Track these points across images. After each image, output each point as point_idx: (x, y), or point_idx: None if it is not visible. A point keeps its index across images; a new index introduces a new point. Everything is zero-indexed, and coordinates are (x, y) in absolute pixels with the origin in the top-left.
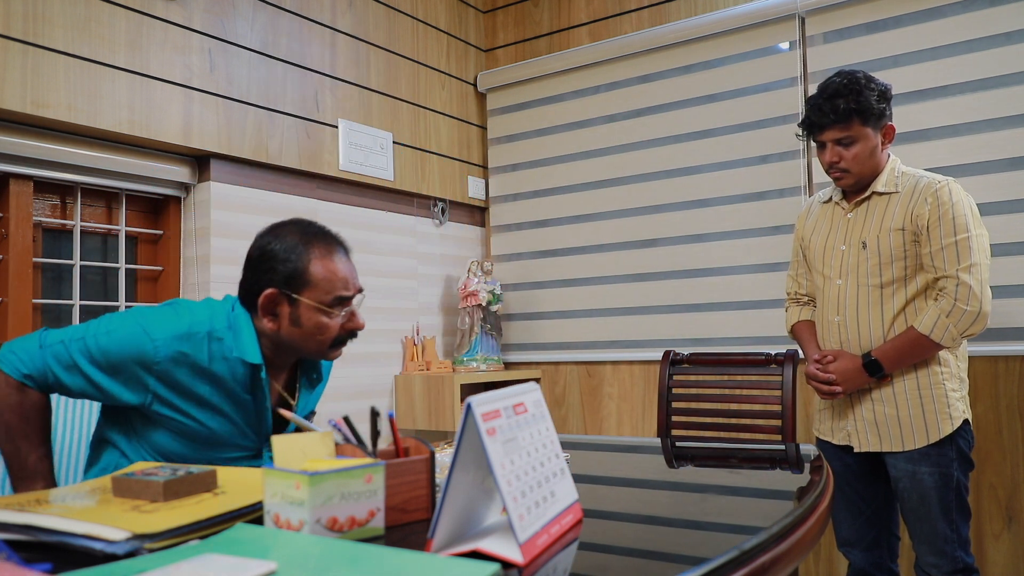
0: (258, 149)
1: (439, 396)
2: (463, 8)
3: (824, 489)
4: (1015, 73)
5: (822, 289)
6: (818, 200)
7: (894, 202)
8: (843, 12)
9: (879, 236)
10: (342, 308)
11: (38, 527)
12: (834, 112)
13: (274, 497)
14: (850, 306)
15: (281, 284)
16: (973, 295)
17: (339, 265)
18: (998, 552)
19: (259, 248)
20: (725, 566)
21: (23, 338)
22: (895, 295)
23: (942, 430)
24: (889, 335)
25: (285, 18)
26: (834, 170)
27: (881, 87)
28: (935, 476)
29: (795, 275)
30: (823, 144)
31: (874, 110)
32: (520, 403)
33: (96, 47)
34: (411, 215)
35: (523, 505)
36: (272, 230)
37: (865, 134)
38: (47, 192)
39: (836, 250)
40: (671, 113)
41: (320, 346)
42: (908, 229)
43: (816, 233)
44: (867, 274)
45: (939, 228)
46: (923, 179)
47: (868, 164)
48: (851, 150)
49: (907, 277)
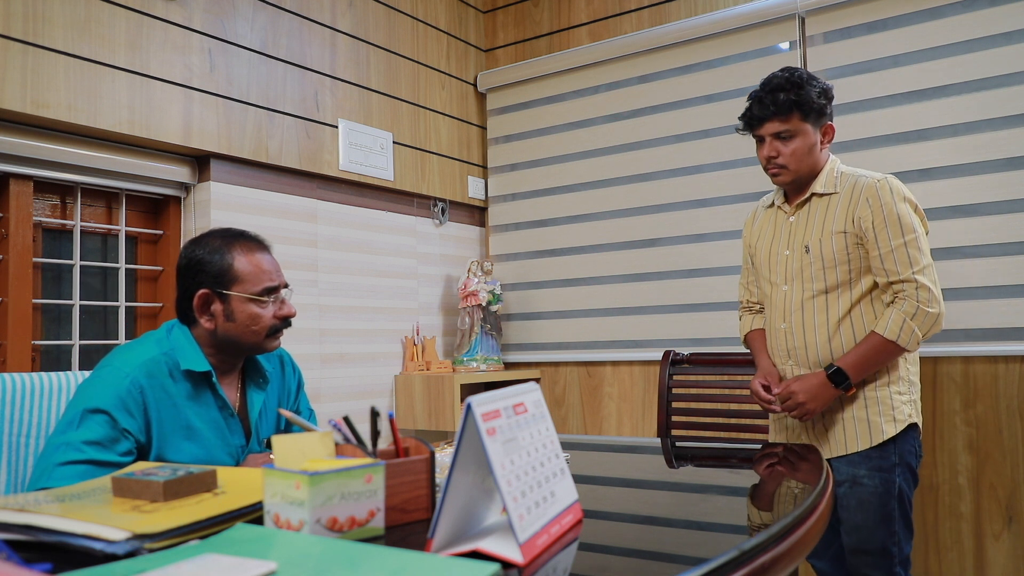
0: (258, 149)
1: (439, 396)
2: (463, 8)
3: (824, 489)
4: (1015, 73)
5: (769, 296)
6: (762, 205)
7: (834, 203)
8: (843, 12)
9: (821, 240)
10: (271, 298)
11: (38, 527)
12: (775, 104)
13: (274, 497)
14: (795, 312)
15: (211, 283)
16: (933, 297)
17: (262, 259)
18: (998, 552)
19: (186, 258)
20: (725, 566)
21: (36, 473)
22: (840, 299)
23: (885, 431)
24: (835, 341)
25: (285, 18)
26: (772, 166)
27: (823, 85)
28: (875, 480)
29: (746, 283)
30: (762, 139)
31: (815, 105)
32: (520, 403)
33: (96, 47)
34: (411, 215)
35: (523, 505)
36: (195, 240)
37: (804, 130)
38: (47, 192)
39: (780, 255)
40: (671, 113)
41: (256, 337)
42: (850, 232)
43: (761, 239)
44: (811, 279)
45: (885, 230)
46: (861, 178)
47: (806, 162)
48: (789, 145)
49: (851, 280)
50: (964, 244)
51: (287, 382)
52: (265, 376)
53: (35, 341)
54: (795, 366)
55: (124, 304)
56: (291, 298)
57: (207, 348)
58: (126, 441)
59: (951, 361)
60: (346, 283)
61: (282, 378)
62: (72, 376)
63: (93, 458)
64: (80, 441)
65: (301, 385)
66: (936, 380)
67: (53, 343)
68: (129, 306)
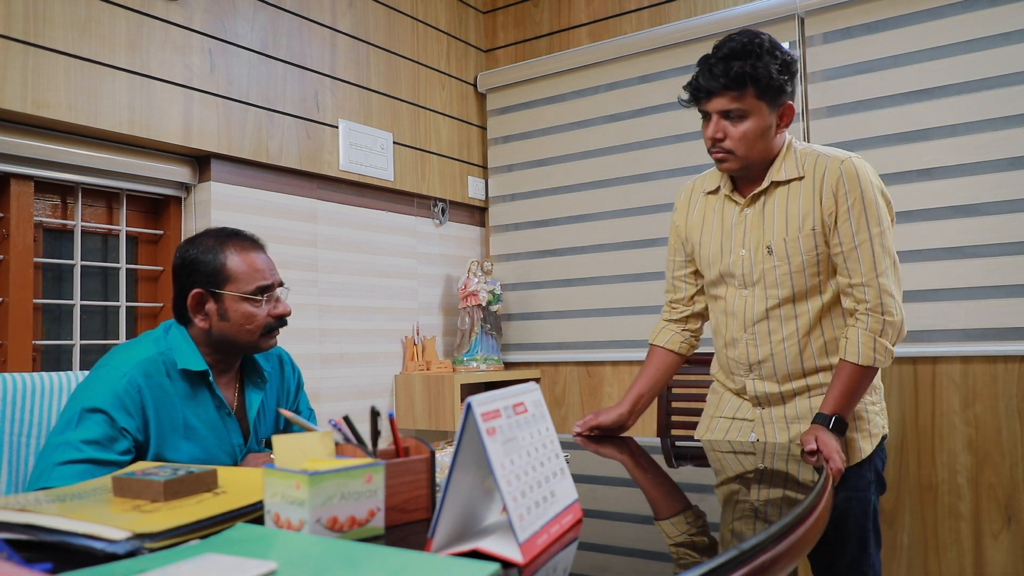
0: (258, 149)
1: (439, 396)
2: (463, 8)
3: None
4: (1015, 73)
5: (723, 299)
6: (702, 189)
7: (796, 193)
8: (843, 12)
9: (786, 240)
10: (265, 297)
11: (39, 527)
12: (726, 75)
13: (274, 497)
14: (759, 322)
15: (204, 283)
16: (896, 303)
17: (256, 258)
18: (997, 552)
19: (180, 258)
20: (725, 566)
21: (36, 473)
22: (810, 305)
23: (863, 450)
24: (806, 352)
25: (285, 18)
26: (716, 149)
27: (787, 56)
28: (852, 503)
29: (672, 277)
30: (708, 115)
31: (774, 81)
32: (520, 403)
33: (96, 47)
34: (411, 215)
35: (523, 505)
36: (189, 240)
37: (759, 109)
38: (48, 192)
39: (734, 255)
40: (671, 113)
41: (251, 336)
42: (819, 230)
43: (705, 232)
44: (776, 284)
45: (849, 223)
46: (823, 157)
47: (757, 147)
48: (739, 127)
49: (821, 283)
50: (964, 244)
51: (286, 382)
52: (263, 376)
53: (36, 341)
54: (758, 380)
55: (125, 304)
56: (287, 297)
57: (203, 348)
58: (125, 440)
59: (950, 361)
60: (346, 283)
61: (281, 378)
62: (72, 376)
63: (92, 457)
64: (79, 440)
65: (300, 385)
66: (935, 380)
67: (54, 343)
68: (130, 306)
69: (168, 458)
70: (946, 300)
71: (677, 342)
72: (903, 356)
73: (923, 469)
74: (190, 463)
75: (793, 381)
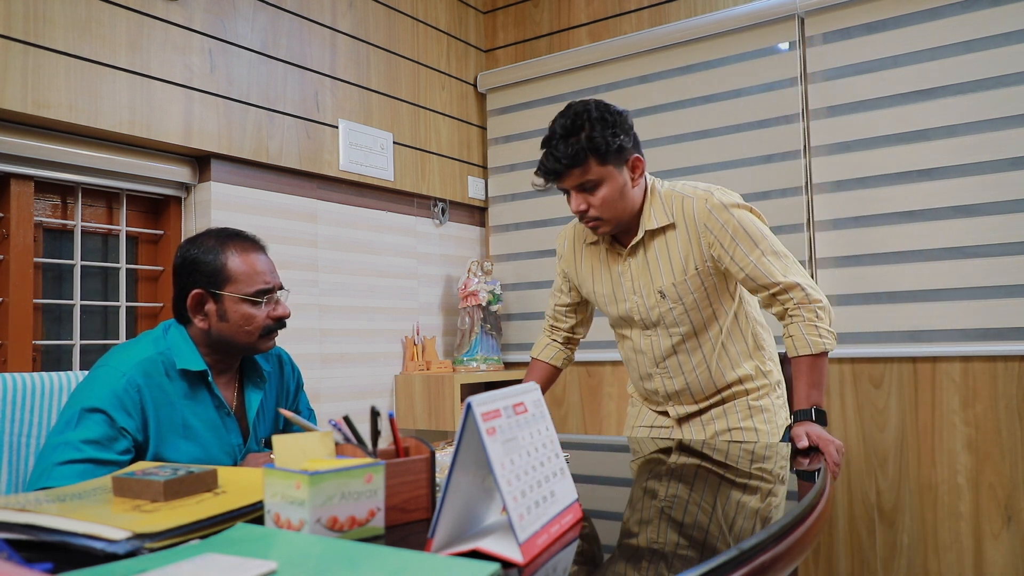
0: (258, 149)
1: (439, 396)
2: (463, 8)
3: (823, 488)
4: (1015, 73)
5: (630, 339)
6: (583, 240)
7: (674, 239)
8: (843, 12)
9: (675, 284)
10: (265, 298)
11: (39, 527)
12: (566, 155)
13: (274, 497)
14: (668, 357)
15: (204, 283)
16: (816, 289)
17: (256, 259)
18: (997, 552)
19: (181, 257)
20: (725, 566)
21: (35, 473)
22: (710, 333)
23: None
24: (716, 373)
25: (285, 18)
26: (587, 220)
27: (616, 117)
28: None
29: (555, 307)
30: (567, 192)
31: (610, 145)
32: (520, 403)
33: (97, 47)
34: (411, 215)
35: (523, 505)
36: (190, 240)
37: (608, 173)
38: (48, 192)
39: (629, 302)
40: (671, 113)
41: (250, 337)
42: (702, 268)
43: (596, 282)
44: (675, 323)
45: (738, 248)
46: (687, 199)
47: (620, 206)
48: (597, 194)
49: (716, 311)
50: (964, 244)
51: (286, 382)
52: (263, 376)
53: (36, 341)
54: (677, 404)
55: (125, 304)
56: (287, 299)
57: (203, 348)
58: (124, 440)
59: (950, 361)
60: (346, 283)
61: (280, 378)
62: (73, 376)
63: (92, 457)
64: (79, 440)
65: (300, 385)
66: (935, 380)
67: (54, 343)
68: (130, 306)
69: (167, 458)
70: (946, 300)
71: (560, 359)
72: (903, 356)
73: (923, 469)
74: (189, 463)
75: (710, 398)
